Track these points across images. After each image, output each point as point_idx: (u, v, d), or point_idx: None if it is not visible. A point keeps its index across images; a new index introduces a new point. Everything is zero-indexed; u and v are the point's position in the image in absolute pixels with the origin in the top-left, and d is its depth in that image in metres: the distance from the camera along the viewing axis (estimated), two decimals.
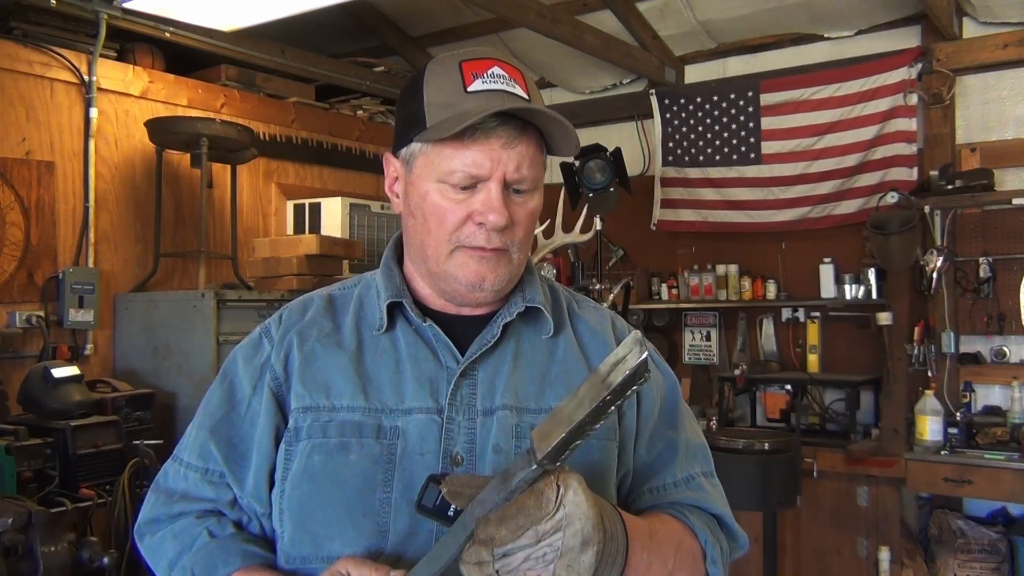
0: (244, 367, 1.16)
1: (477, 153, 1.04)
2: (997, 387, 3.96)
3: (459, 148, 1.04)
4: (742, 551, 1.19)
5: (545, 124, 1.07)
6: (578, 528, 0.85)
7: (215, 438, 1.13)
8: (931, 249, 3.91)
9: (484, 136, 1.03)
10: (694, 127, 4.72)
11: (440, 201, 1.07)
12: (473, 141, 1.03)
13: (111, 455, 3.10)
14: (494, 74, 1.06)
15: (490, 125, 1.03)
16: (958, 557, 3.65)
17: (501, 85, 1.05)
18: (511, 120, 1.04)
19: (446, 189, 1.06)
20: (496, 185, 1.05)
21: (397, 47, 5.08)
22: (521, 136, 1.05)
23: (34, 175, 3.60)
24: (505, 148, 1.04)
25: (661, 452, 1.16)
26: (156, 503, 1.15)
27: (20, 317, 3.48)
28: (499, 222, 1.04)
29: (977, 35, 4.02)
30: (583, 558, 0.85)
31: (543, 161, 1.10)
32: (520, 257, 1.11)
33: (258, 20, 3.46)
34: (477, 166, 1.04)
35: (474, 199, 1.06)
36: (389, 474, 1.05)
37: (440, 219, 1.07)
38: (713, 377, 4.70)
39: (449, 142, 1.04)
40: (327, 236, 4.19)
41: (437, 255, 1.09)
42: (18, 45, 3.56)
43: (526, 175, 1.07)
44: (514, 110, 1.03)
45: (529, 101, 1.06)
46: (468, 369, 1.10)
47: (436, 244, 1.09)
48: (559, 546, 0.84)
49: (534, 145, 1.07)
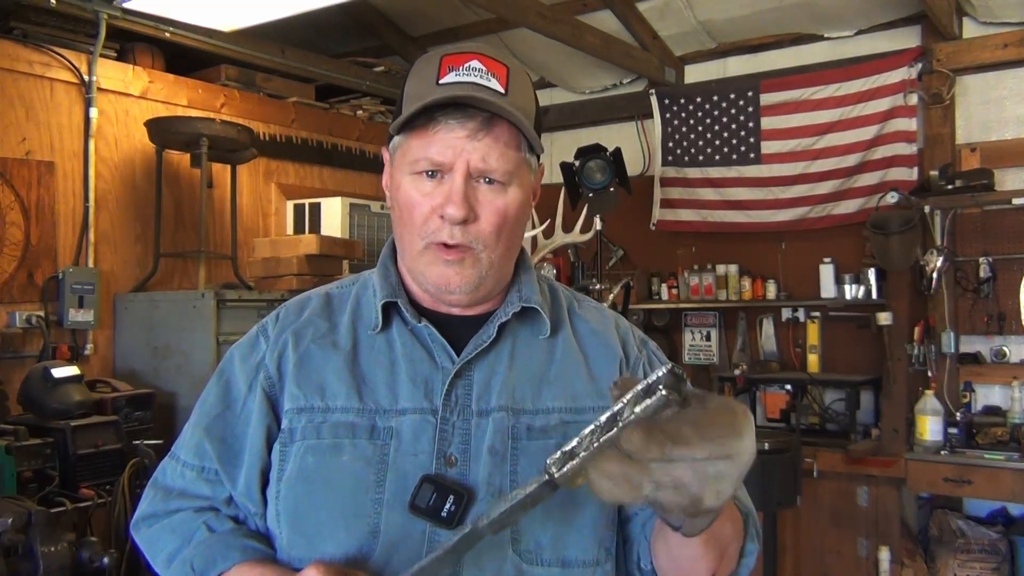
0: (240, 366, 1.16)
1: (440, 143, 1.04)
2: (997, 387, 3.96)
3: (424, 138, 1.05)
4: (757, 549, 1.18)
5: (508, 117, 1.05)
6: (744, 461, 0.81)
7: (210, 436, 1.12)
8: (931, 249, 3.91)
9: (446, 127, 1.03)
10: (694, 127, 4.72)
11: (411, 193, 1.07)
12: (436, 132, 1.04)
13: (111, 455, 3.10)
14: (470, 67, 1.05)
15: (454, 116, 1.03)
16: (958, 557, 3.65)
17: (474, 78, 1.04)
18: (479, 113, 1.03)
19: (417, 181, 1.07)
20: (459, 176, 1.04)
21: (397, 47, 5.08)
22: (488, 128, 1.04)
23: (34, 175, 3.60)
24: (470, 139, 1.03)
25: None
26: (153, 499, 1.15)
27: (20, 317, 3.48)
28: (456, 214, 1.04)
29: (977, 35, 4.02)
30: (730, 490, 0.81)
31: (520, 156, 1.08)
32: (491, 256, 1.08)
33: (258, 20, 3.46)
34: (440, 155, 1.04)
35: (439, 191, 1.06)
36: (381, 475, 1.04)
37: (410, 211, 1.08)
38: (713, 377, 4.69)
39: (417, 133, 1.05)
40: (327, 236, 4.19)
41: (412, 250, 1.10)
42: (18, 45, 3.56)
43: (495, 167, 1.05)
44: (466, 99, 1.02)
45: (505, 95, 1.05)
46: (463, 369, 1.09)
47: (410, 239, 1.09)
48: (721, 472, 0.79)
49: (507, 139, 1.05)
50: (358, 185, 5.01)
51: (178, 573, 1.08)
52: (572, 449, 0.80)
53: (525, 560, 1.03)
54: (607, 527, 1.07)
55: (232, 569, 1.06)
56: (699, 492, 0.80)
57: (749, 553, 1.09)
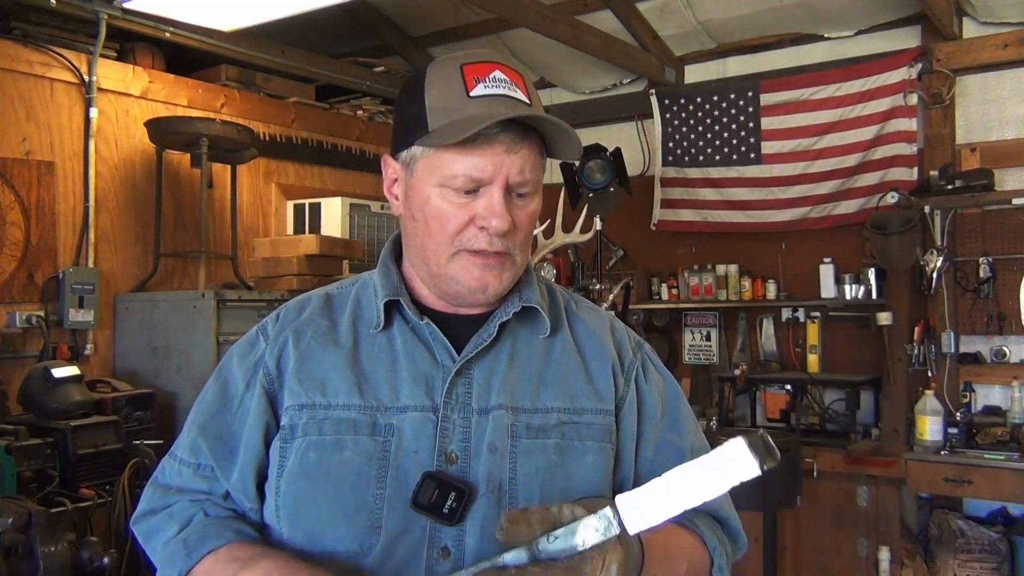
0: (239, 364, 1.17)
1: (480, 158, 1.04)
2: (997, 387, 3.96)
3: (462, 153, 1.04)
4: (742, 552, 1.20)
5: (548, 129, 1.07)
6: None
7: (205, 434, 1.14)
8: (931, 249, 3.91)
9: (487, 141, 1.04)
10: (694, 127, 4.72)
11: (442, 205, 1.07)
12: (476, 146, 1.04)
13: (111, 455, 3.10)
14: (496, 78, 1.06)
15: (493, 131, 1.03)
16: (958, 557, 3.65)
17: (503, 90, 1.05)
18: (514, 125, 1.04)
19: (448, 193, 1.07)
20: (499, 190, 1.05)
21: (397, 47, 5.08)
22: (523, 141, 1.06)
23: (34, 175, 3.60)
24: (508, 153, 1.05)
25: (666, 456, 1.16)
26: (152, 497, 1.17)
27: (20, 317, 3.48)
28: (502, 227, 1.05)
29: (977, 35, 4.02)
30: None
31: (543, 165, 1.11)
32: (522, 259, 1.12)
33: (258, 20, 3.45)
34: (480, 171, 1.04)
35: (476, 203, 1.06)
36: (383, 471, 1.05)
37: (442, 223, 1.07)
38: (713, 377, 4.70)
39: (452, 147, 1.04)
40: (327, 236, 4.19)
41: (438, 258, 1.10)
42: (18, 45, 3.56)
43: (528, 179, 1.07)
44: (520, 117, 1.04)
45: (531, 105, 1.06)
46: (464, 368, 1.11)
47: (437, 247, 1.09)
48: None
49: (535, 149, 1.08)
50: (358, 185, 5.01)
51: (172, 551, 1.10)
52: None
53: None
54: None
55: (223, 547, 1.07)
56: None
57: (719, 570, 1.13)
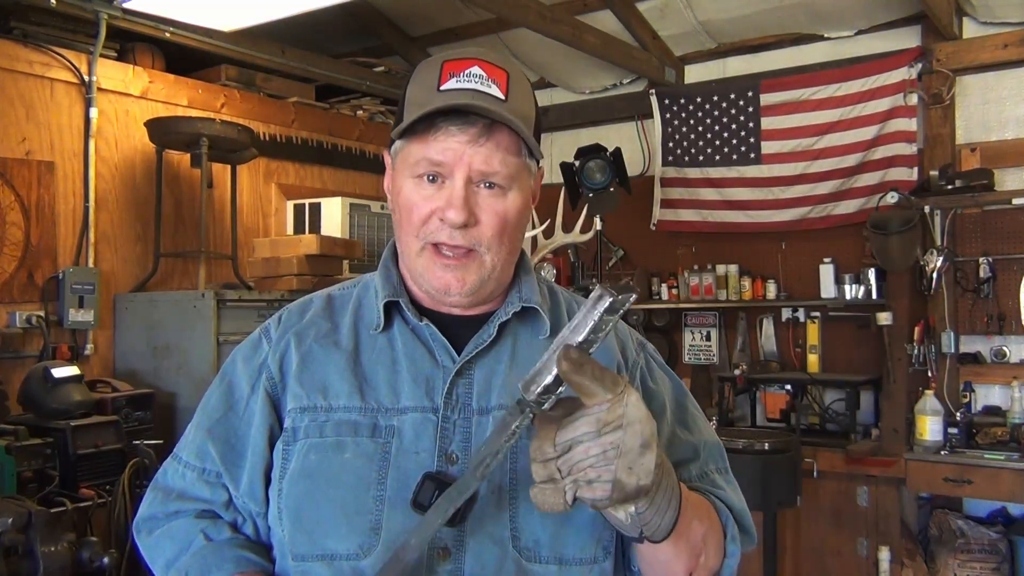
0: (243, 367, 1.17)
1: (439, 147, 1.05)
2: (997, 387, 3.96)
3: (424, 143, 1.06)
4: (751, 545, 1.19)
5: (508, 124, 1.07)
6: (638, 429, 0.85)
7: (212, 438, 1.14)
8: (931, 249, 3.91)
9: (446, 133, 1.05)
10: (694, 127, 4.72)
11: (411, 195, 1.09)
12: (435, 138, 1.05)
13: (111, 455, 3.11)
14: (471, 73, 1.07)
15: (455, 123, 1.04)
16: (958, 557, 3.65)
17: (474, 84, 1.06)
18: (480, 119, 1.05)
19: (417, 183, 1.08)
20: (460, 181, 1.06)
21: (397, 47, 5.08)
22: (489, 134, 1.05)
23: (34, 175, 3.60)
24: (471, 144, 1.05)
25: (677, 453, 1.16)
26: (154, 501, 1.17)
27: (20, 317, 3.48)
28: (457, 219, 1.05)
29: (977, 35, 4.02)
30: (643, 460, 0.86)
31: (520, 162, 1.09)
32: (494, 259, 1.10)
33: (258, 20, 3.46)
34: (440, 156, 1.05)
35: (440, 194, 1.07)
36: (383, 472, 1.05)
37: (409, 213, 1.09)
38: (713, 377, 4.70)
39: (417, 137, 1.07)
40: (327, 236, 4.19)
41: (410, 252, 1.11)
42: (18, 45, 3.56)
43: (496, 170, 1.06)
44: (462, 106, 1.03)
45: (504, 101, 1.06)
46: (464, 368, 1.11)
47: (408, 239, 1.11)
48: (620, 444, 0.85)
49: (508, 144, 1.07)
50: (358, 185, 5.01)
51: None
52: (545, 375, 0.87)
53: (524, 557, 1.04)
54: (606, 526, 1.07)
55: None
56: (610, 475, 0.84)
57: (731, 555, 1.11)
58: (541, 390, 0.87)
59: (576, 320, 0.86)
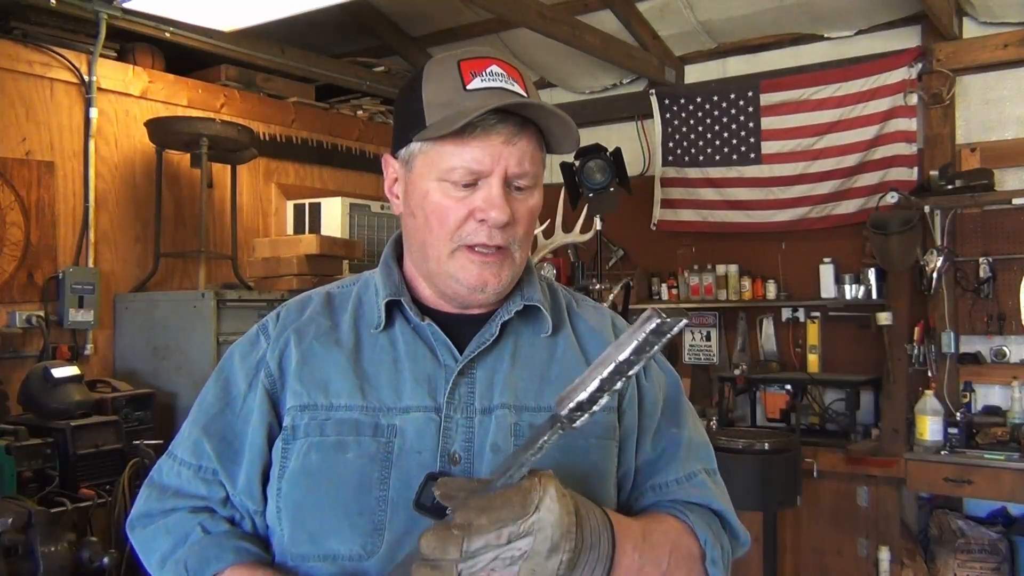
0: (240, 364, 1.16)
1: (477, 150, 1.04)
2: (997, 387, 3.96)
3: (459, 145, 1.04)
4: (743, 549, 1.18)
5: (545, 121, 1.07)
6: (548, 535, 0.86)
7: (208, 435, 1.13)
8: (931, 249, 3.91)
9: (484, 133, 1.03)
10: (694, 127, 4.72)
11: (441, 200, 1.07)
12: (473, 138, 1.03)
13: (111, 455, 3.10)
14: (492, 72, 1.06)
15: (490, 122, 1.03)
16: (958, 557, 3.65)
17: (499, 83, 1.05)
18: (511, 117, 1.04)
19: (447, 187, 1.06)
20: (497, 181, 1.05)
21: (397, 47, 5.08)
22: (521, 133, 1.05)
23: (34, 175, 3.60)
24: (506, 145, 1.04)
25: (664, 449, 1.16)
26: (149, 498, 1.15)
27: (20, 317, 3.48)
28: (501, 218, 1.04)
29: (977, 35, 4.02)
30: (548, 564, 0.86)
31: (543, 158, 1.10)
32: (522, 255, 1.11)
33: (258, 20, 3.45)
34: (478, 162, 1.04)
35: (475, 196, 1.05)
36: (386, 472, 1.05)
37: (441, 218, 1.07)
38: (713, 377, 4.70)
39: (449, 140, 1.04)
40: (327, 236, 4.19)
41: (438, 255, 1.09)
42: (18, 45, 3.56)
43: (528, 171, 1.07)
44: (513, 105, 1.03)
45: (528, 97, 1.06)
46: (466, 368, 1.10)
47: (437, 243, 1.08)
48: (527, 549, 0.85)
49: (534, 142, 1.07)
50: (358, 185, 5.01)
51: (171, 573, 1.09)
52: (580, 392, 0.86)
53: None
54: None
55: (226, 570, 1.06)
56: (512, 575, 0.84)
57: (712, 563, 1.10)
58: (574, 406, 0.86)
59: (622, 338, 0.86)
